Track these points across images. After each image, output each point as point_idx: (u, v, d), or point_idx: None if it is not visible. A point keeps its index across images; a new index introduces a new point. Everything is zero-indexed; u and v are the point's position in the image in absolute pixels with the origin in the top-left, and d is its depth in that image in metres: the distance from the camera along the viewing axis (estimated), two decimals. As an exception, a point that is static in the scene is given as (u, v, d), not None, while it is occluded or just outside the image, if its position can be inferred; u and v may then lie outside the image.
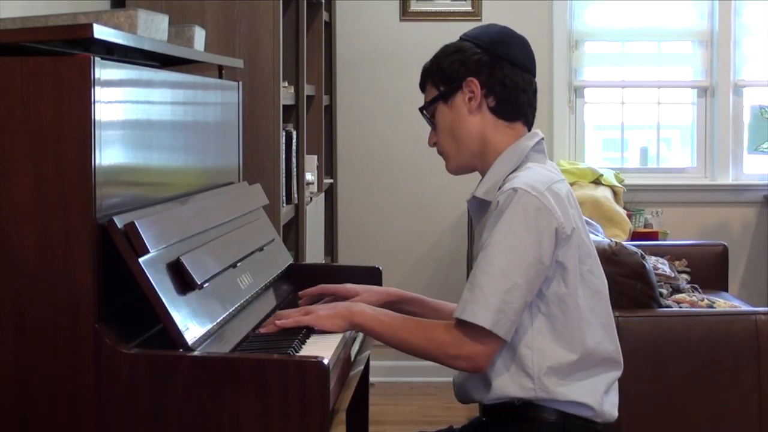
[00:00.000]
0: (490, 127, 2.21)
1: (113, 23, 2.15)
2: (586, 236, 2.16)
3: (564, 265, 2.09)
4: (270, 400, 1.85)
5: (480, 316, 2.02)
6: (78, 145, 1.86)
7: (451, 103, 2.22)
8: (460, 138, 2.22)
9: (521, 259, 2.03)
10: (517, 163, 2.18)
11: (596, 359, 2.14)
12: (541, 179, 2.11)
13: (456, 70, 2.21)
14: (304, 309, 2.26)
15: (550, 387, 2.10)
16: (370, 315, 2.17)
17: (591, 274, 2.15)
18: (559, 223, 2.07)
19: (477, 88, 2.19)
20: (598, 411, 2.13)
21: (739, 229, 5.21)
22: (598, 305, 2.16)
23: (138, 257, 1.90)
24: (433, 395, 4.80)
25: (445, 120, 2.24)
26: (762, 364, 3.28)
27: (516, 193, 2.06)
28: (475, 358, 2.05)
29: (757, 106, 5.24)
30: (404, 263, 5.17)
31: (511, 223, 2.04)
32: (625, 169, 5.22)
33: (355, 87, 5.13)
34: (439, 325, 2.11)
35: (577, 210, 2.17)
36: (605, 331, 2.16)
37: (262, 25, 3.34)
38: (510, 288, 2.02)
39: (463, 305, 2.04)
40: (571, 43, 5.18)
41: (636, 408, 3.23)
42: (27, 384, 1.89)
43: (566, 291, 2.10)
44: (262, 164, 3.33)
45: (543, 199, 2.06)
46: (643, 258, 3.36)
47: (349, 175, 5.15)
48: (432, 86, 2.26)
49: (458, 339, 2.04)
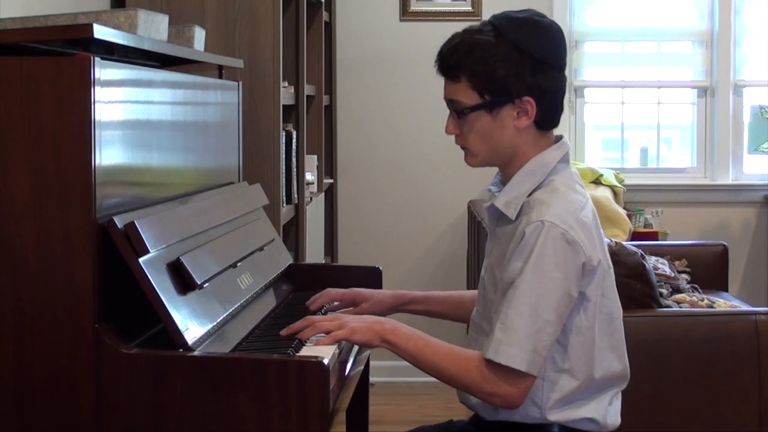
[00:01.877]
0: (529, 138, 2.11)
1: (113, 23, 2.15)
2: (605, 259, 2.10)
3: (587, 297, 2.06)
4: (270, 400, 1.85)
5: (516, 359, 1.98)
6: (78, 145, 1.86)
7: (496, 114, 2.08)
8: (496, 146, 2.12)
9: (551, 296, 1.99)
10: (541, 178, 2.10)
11: (603, 384, 2.12)
12: (569, 208, 2.04)
13: (510, 85, 2.06)
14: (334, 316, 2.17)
15: (554, 417, 2.08)
16: (403, 334, 2.10)
17: (605, 298, 2.11)
18: (587, 257, 2.02)
19: (533, 109, 2.07)
20: (602, 424, 2.12)
21: (739, 229, 5.21)
22: (609, 327, 2.13)
23: (138, 257, 1.90)
24: (433, 395, 4.80)
25: (484, 127, 2.10)
26: (762, 364, 3.28)
27: (544, 227, 2.00)
28: (511, 398, 2.02)
29: (757, 106, 5.24)
30: (404, 263, 5.17)
31: (541, 258, 1.99)
32: (625, 169, 5.22)
33: (355, 87, 5.13)
34: (475, 357, 2.05)
35: (599, 230, 2.11)
36: (615, 353, 2.14)
37: (262, 25, 3.34)
38: (542, 327, 1.99)
39: (497, 347, 1.99)
40: (571, 43, 5.18)
41: (636, 408, 3.23)
42: (27, 383, 1.89)
43: (586, 324, 2.07)
44: (262, 164, 3.33)
45: (572, 233, 2.00)
46: (643, 258, 3.36)
47: (349, 175, 5.15)
48: (471, 87, 2.08)
49: (495, 378, 2.01)
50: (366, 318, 2.18)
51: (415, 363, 2.11)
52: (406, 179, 5.17)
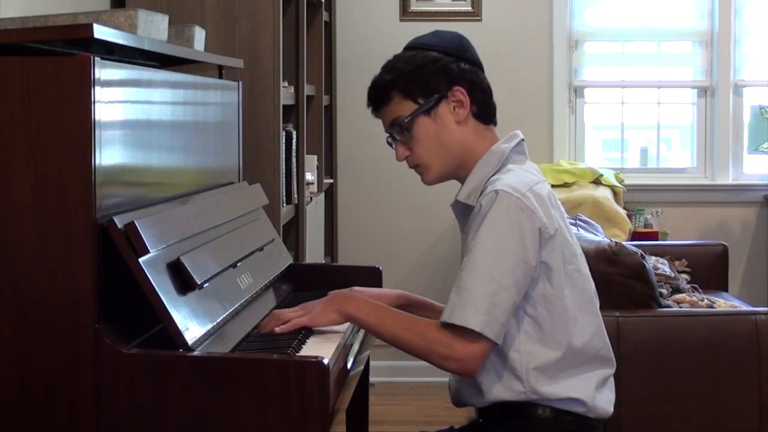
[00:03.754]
0: (472, 133, 2.22)
1: (113, 23, 2.15)
2: (570, 236, 2.16)
3: (549, 266, 2.09)
4: (270, 400, 1.85)
5: (470, 319, 2.01)
6: (78, 145, 1.86)
7: (434, 114, 2.21)
8: (444, 148, 2.22)
9: (507, 260, 2.03)
10: (497, 166, 2.18)
11: (585, 357, 2.14)
12: (523, 180, 2.11)
13: (438, 80, 2.19)
14: (300, 307, 2.25)
15: (538, 388, 2.11)
16: (365, 308, 2.16)
17: (578, 273, 2.15)
18: (542, 223, 2.07)
19: (465, 97, 2.20)
20: (590, 406, 2.14)
21: (739, 229, 5.21)
22: (588, 304, 2.16)
23: (138, 257, 1.90)
24: (433, 395, 4.80)
25: (428, 131, 2.21)
26: (762, 364, 3.28)
27: (498, 195, 2.06)
28: (466, 360, 2.04)
29: (757, 106, 5.24)
30: (404, 263, 5.17)
31: (495, 224, 2.04)
32: (625, 169, 5.22)
33: (355, 87, 5.12)
34: (432, 324, 2.09)
35: (559, 210, 2.17)
36: (594, 329, 2.17)
37: (262, 25, 3.34)
38: (497, 290, 2.02)
39: (452, 308, 2.04)
40: (571, 43, 5.18)
41: (636, 408, 3.23)
42: (27, 383, 1.89)
43: (552, 291, 2.10)
44: (262, 164, 3.33)
45: (525, 200, 2.06)
46: (643, 258, 3.36)
47: (349, 175, 5.15)
48: (404, 99, 2.22)
49: (449, 340, 2.04)
50: (327, 298, 2.24)
51: (376, 334, 2.17)
52: (406, 179, 5.14)
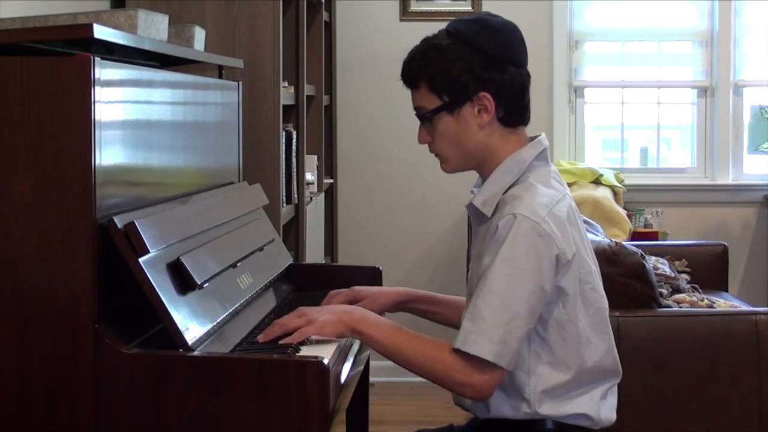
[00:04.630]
0: (496, 136, 2.13)
1: (113, 23, 2.15)
2: (587, 252, 2.11)
3: (565, 291, 2.05)
4: (270, 400, 1.85)
5: (485, 349, 1.97)
6: (78, 145, 1.86)
7: (457, 114, 2.11)
8: (464, 148, 2.14)
9: (523, 288, 1.98)
10: (518, 175, 2.11)
11: (594, 375, 2.11)
12: (542, 201, 2.04)
13: (465, 82, 2.09)
14: (300, 312, 2.16)
15: (545, 411, 2.08)
16: (373, 324, 2.10)
17: (594, 292, 2.11)
18: (560, 249, 2.01)
19: (491, 104, 2.09)
20: (596, 420, 2.11)
21: (739, 229, 5.21)
22: (601, 322, 2.12)
23: (138, 257, 1.90)
24: (433, 395, 4.78)
25: (449, 129, 2.13)
26: (762, 364, 3.28)
27: (516, 219, 2.00)
28: (479, 388, 2.01)
29: (757, 106, 5.24)
30: (404, 263, 5.17)
31: (512, 250, 1.99)
32: (625, 169, 5.22)
33: (355, 87, 5.13)
34: (445, 347, 2.03)
35: (577, 227, 2.11)
36: (606, 348, 2.13)
37: (262, 25, 3.34)
38: (512, 318, 1.98)
39: (465, 336, 1.99)
40: (571, 43, 5.18)
41: (636, 408, 3.23)
42: (27, 383, 1.89)
43: (566, 317, 2.06)
44: (262, 164, 3.33)
45: (544, 225, 2.00)
46: (643, 258, 3.35)
47: (349, 175, 5.15)
48: (430, 91, 2.12)
49: (463, 368, 2.00)
50: (334, 308, 2.17)
51: (385, 353, 2.09)
52: (406, 179, 5.17)
